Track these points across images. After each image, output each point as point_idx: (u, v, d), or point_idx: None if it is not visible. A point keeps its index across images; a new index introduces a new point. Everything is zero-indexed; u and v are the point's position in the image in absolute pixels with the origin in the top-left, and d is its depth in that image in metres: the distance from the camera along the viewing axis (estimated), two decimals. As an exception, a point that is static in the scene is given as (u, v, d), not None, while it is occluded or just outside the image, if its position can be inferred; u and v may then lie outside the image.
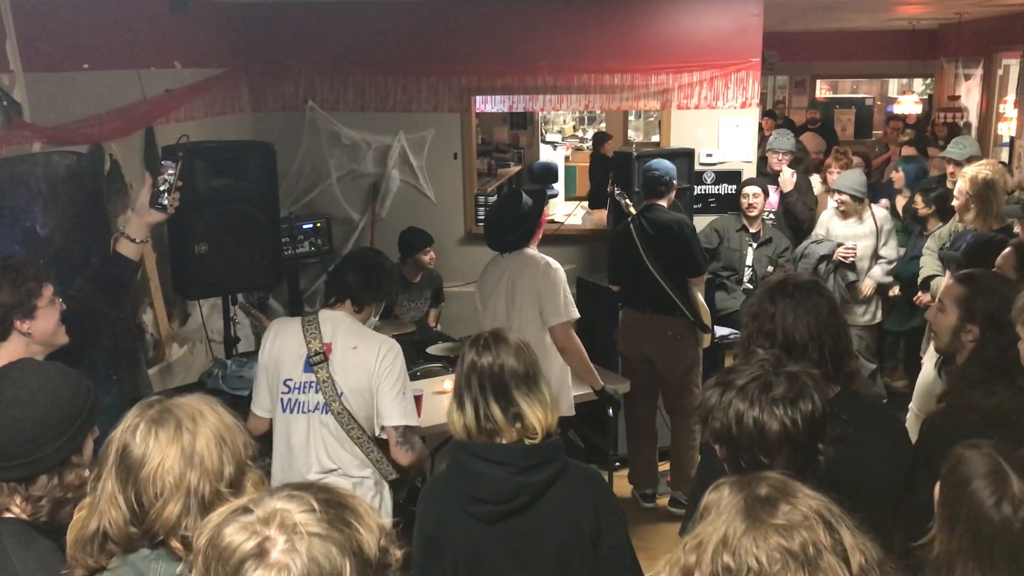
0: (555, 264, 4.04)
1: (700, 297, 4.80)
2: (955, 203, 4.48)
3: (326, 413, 3.03)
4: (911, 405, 3.68)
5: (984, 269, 2.90)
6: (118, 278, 3.10)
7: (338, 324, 3.10)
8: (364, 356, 3.05)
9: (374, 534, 1.22)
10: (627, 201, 4.84)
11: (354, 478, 3.09)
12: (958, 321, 2.62)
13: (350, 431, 3.04)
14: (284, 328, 3.17)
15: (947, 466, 1.82)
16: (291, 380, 3.07)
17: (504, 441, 2.18)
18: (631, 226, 4.73)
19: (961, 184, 4.37)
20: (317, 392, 3.03)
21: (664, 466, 5.07)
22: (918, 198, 5.44)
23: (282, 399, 3.08)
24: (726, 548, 1.27)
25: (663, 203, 4.85)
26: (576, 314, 3.98)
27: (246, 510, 1.20)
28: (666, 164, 4.93)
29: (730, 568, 1.26)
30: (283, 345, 3.10)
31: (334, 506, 1.21)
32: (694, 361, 4.81)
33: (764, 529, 1.26)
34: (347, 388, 3.03)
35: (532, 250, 4.13)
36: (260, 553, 1.15)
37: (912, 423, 3.34)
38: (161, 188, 3.13)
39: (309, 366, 3.04)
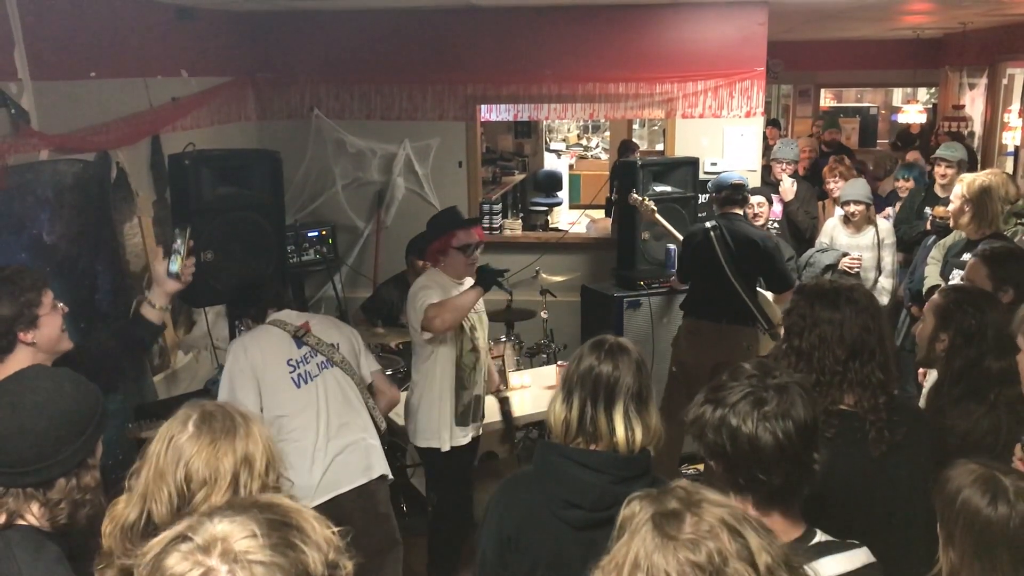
0: (422, 291, 3.74)
1: (775, 306, 4.81)
2: (950, 207, 4.38)
3: (331, 367, 3.42)
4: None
5: (970, 285, 2.90)
6: (140, 339, 3.17)
7: (299, 314, 3.53)
8: (337, 324, 3.61)
9: (321, 551, 1.19)
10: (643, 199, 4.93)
11: (367, 428, 3.47)
12: (932, 331, 2.63)
13: (352, 376, 3.47)
14: (252, 336, 3.44)
15: (937, 491, 1.83)
16: (292, 359, 3.38)
17: (597, 448, 2.16)
18: (711, 234, 4.69)
19: (958, 188, 4.30)
20: (316, 355, 3.41)
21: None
22: (945, 210, 5.39)
23: (292, 378, 3.35)
24: (639, 568, 1.29)
25: (740, 212, 4.85)
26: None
27: (186, 538, 1.17)
28: (736, 173, 5.02)
29: None
30: (263, 344, 3.37)
31: (277, 527, 1.18)
32: None
33: (672, 545, 1.28)
34: (337, 341, 3.49)
35: (427, 273, 3.91)
36: None
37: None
38: (172, 257, 3.15)
39: (300, 341, 3.40)
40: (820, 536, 1.80)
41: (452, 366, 3.83)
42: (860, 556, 1.80)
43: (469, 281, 3.88)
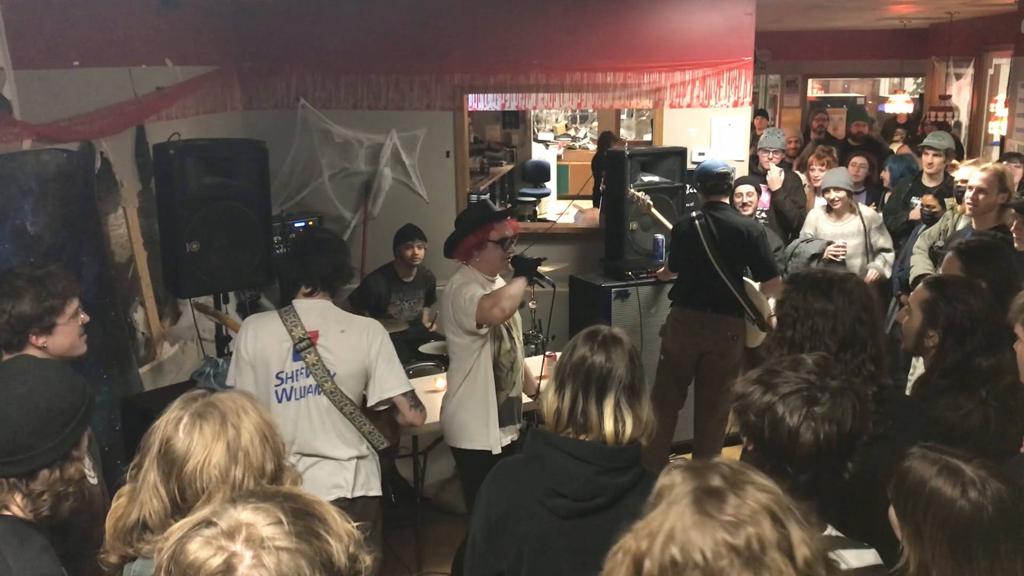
0: (464, 288, 3.60)
1: (762, 296, 4.84)
2: (976, 198, 4.23)
3: (319, 394, 3.21)
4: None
5: (955, 276, 2.90)
6: None
7: (320, 312, 3.26)
8: (354, 339, 3.24)
9: (343, 542, 1.18)
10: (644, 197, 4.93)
11: (338, 460, 3.26)
12: (921, 326, 2.62)
13: (343, 407, 3.23)
14: (262, 324, 3.29)
15: (894, 484, 1.80)
16: (282, 372, 3.22)
17: (587, 438, 2.15)
18: (696, 224, 4.72)
19: (986, 176, 4.20)
20: (308, 376, 3.20)
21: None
22: (932, 199, 5.39)
23: (276, 391, 3.21)
24: (673, 540, 1.25)
25: (726, 200, 4.88)
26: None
27: (209, 523, 1.15)
28: (721, 161, 5.07)
29: (676, 561, 1.24)
30: (265, 340, 3.23)
31: (302, 516, 1.17)
32: (740, 362, 4.84)
33: (711, 524, 1.24)
34: (341, 371, 3.21)
35: (460, 271, 3.74)
36: (227, 570, 1.10)
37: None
38: None
39: (297, 354, 3.20)
40: (831, 531, 1.79)
41: (490, 366, 3.68)
42: (868, 556, 1.80)
43: (500, 281, 3.80)
